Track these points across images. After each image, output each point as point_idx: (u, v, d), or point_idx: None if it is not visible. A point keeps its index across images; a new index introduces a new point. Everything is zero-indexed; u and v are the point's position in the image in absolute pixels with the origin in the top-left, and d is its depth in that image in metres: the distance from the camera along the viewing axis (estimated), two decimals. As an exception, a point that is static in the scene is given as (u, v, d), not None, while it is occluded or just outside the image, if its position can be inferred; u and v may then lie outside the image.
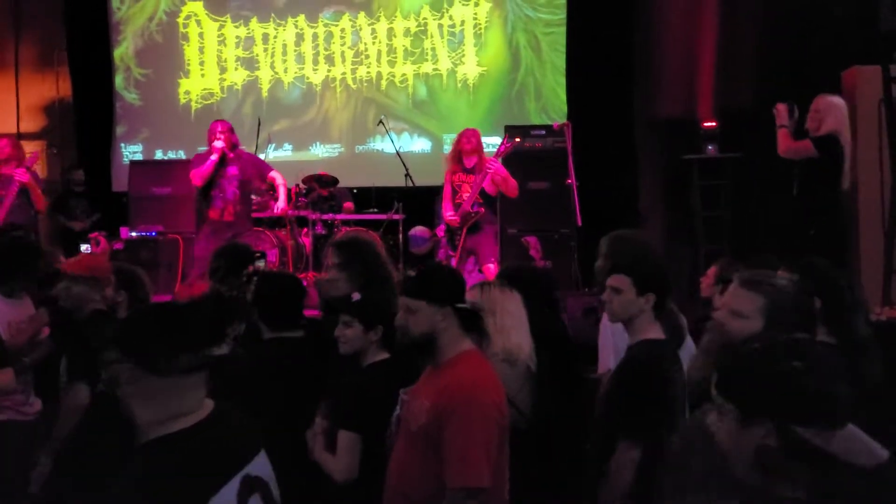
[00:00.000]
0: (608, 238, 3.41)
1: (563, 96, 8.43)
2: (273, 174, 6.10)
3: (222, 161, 5.74)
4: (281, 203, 6.07)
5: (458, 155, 6.17)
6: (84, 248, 5.94)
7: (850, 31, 5.73)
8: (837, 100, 5.03)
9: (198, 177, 5.71)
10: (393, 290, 3.01)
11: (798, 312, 2.26)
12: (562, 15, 8.47)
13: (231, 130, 5.81)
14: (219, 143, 5.65)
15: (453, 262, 6.19)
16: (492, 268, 6.07)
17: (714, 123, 7.45)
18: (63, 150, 9.06)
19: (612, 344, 3.33)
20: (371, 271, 3.30)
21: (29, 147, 9.18)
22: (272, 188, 6.83)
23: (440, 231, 6.48)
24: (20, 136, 9.16)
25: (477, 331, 2.51)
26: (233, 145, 5.78)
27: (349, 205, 7.89)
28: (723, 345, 2.19)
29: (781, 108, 5.07)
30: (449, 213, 6.08)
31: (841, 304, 2.72)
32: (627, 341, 2.71)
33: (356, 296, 2.93)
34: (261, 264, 3.68)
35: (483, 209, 6.12)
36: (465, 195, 6.01)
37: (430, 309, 2.38)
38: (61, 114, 9.14)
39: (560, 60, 8.48)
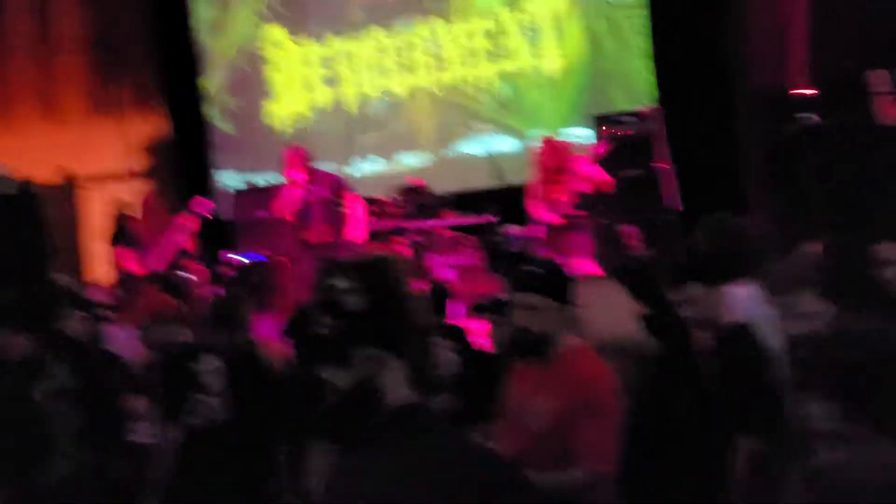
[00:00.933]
0: (706, 224, 3.37)
1: (652, 79, 8.21)
2: (349, 197, 6.11)
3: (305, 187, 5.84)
4: (361, 230, 6.04)
5: (542, 165, 6.09)
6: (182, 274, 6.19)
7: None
8: None
9: (286, 211, 5.85)
10: None
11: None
12: (642, -4, 8.26)
13: (305, 156, 5.89)
14: (296, 176, 5.76)
15: None
16: (586, 264, 5.98)
17: (814, 91, 7.06)
18: (168, 186, 9.49)
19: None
20: None
21: (134, 186, 9.69)
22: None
23: (534, 230, 6.43)
24: (131, 175, 9.67)
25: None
26: (309, 171, 5.86)
27: (448, 212, 7.94)
28: None
29: (879, 75, 4.83)
30: (544, 212, 6.00)
31: None
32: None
33: None
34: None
35: (583, 211, 6.05)
36: (563, 197, 5.92)
37: (557, 307, 2.38)
38: (165, 151, 9.57)
39: (644, 43, 8.26)
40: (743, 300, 3.06)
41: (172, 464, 3.21)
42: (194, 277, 6.05)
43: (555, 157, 5.91)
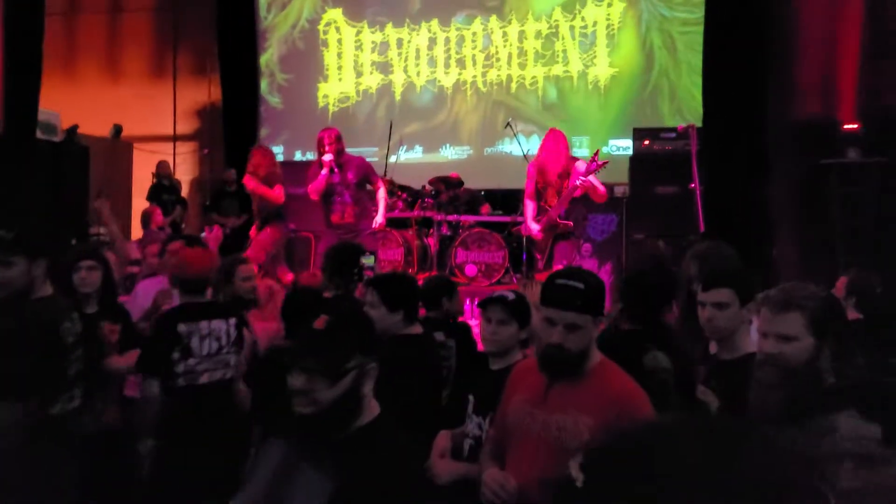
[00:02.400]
0: (698, 251, 3.28)
1: (699, 97, 8.10)
2: (379, 184, 6.16)
3: (334, 169, 5.91)
4: (379, 217, 6.10)
5: (542, 160, 5.90)
6: (202, 235, 6.31)
7: None
8: None
9: (314, 192, 5.92)
10: None
11: (838, 315, 2.14)
12: (699, 13, 8.14)
13: (339, 138, 5.94)
14: (327, 157, 5.82)
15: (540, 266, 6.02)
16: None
17: (856, 126, 6.92)
18: (214, 152, 9.70)
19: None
20: None
21: (183, 148, 9.93)
22: (398, 192, 6.98)
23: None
24: (176, 138, 9.92)
25: None
26: (340, 152, 5.92)
27: (486, 208, 7.96)
28: (785, 373, 2.04)
29: None
30: (533, 223, 5.83)
31: None
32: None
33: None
34: (369, 262, 3.79)
35: (571, 223, 5.85)
36: (552, 202, 5.79)
37: (593, 323, 2.23)
38: (212, 117, 9.79)
39: (697, 60, 8.16)
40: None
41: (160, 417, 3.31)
42: (208, 236, 6.18)
43: (562, 154, 5.72)
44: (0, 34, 6.80)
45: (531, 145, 8.52)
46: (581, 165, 5.54)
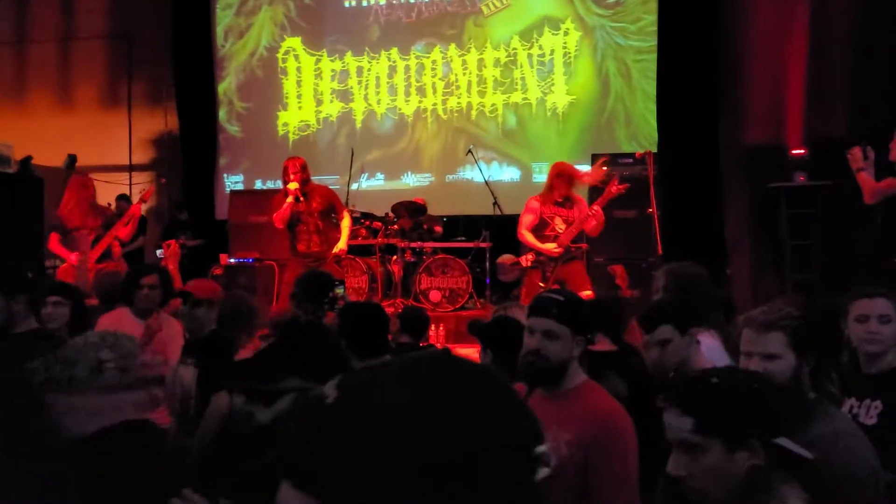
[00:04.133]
0: (668, 271, 3.40)
1: (654, 123, 8.32)
2: (343, 214, 6.19)
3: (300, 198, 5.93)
4: (341, 244, 6.11)
5: (551, 188, 6.11)
6: (158, 252, 6.23)
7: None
8: None
9: (279, 220, 5.93)
10: None
11: (821, 333, 2.25)
12: (653, 42, 8.39)
13: (304, 167, 5.97)
14: (292, 186, 5.84)
15: None
16: (589, 294, 6.01)
17: (803, 151, 7.23)
18: (171, 181, 9.59)
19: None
20: None
21: (140, 178, 9.81)
22: (361, 219, 7.00)
23: (525, 262, 6.47)
24: (132, 167, 9.79)
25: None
26: (305, 181, 5.94)
27: (439, 229, 8.01)
28: None
29: (855, 152, 4.95)
30: (549, 244, 6.02)
31: None
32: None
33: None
34: (339, 291, 3.80)
35: (585, 244, 6.13)
36: (560, 228, 5.98)
37: (572, 336, 2.32)
38: (170, 146, 9.69)
39: (651, 87, 8.39)
40: (706, 348, 3.11)
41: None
42: (165, 253, 6.10)
43: (567, 187, 5.96)
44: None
45: (492, 172, 8.63)
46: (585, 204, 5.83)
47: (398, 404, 0.72)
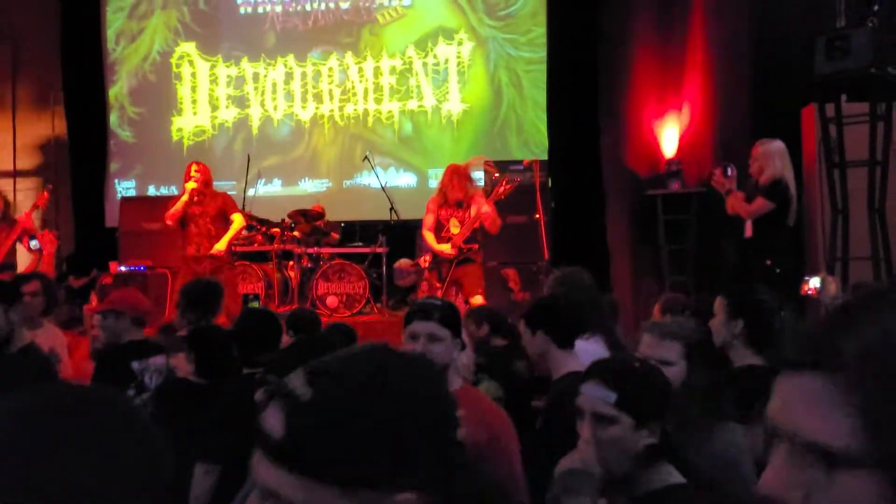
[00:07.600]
0: (558, 276, 3.59)
1: (545, 131, 8.65)
2: (233, 216, 6.21)
3: (197, 199, 5.94)
4: (221, 245, 6.12)
5: (444, 190, 6.26)
6: (33, 243, 6.05)
7: (801, 73, 5.91)
8: (774, 144, 5.17)
9: (171, 217, 5.93)
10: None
11: (708, 344, 2.48)
12: (542, 53, 8.72)
13: (205, 171, 6.00)
14: (190, 185, 5.87)
15: (438, 294, 6.32)
16: (480, 300, 6.17)
17: (677, 160, 7.71)
18: (59, 188, 9.28)
19: None
20: None
21: (25, 184, 9.47)
22: (257, 225, 7.03)
23: (423, 262, 6.63)
24: (17, 173, 9.44)
25: None
26: (205, 184, 5.97)
27: (336, 234, 8.09)
28: None
29: (717, 177, 5.27)
30: (444, 245, 6.16)
31: (768, 327, 2.81)
32: None
33: None
34: (254, 305, 3.87)
35: (477, 244, 6.28)
36: (455, 230, 6.13)
37: (452, 341, 2.39)
38: (57, 152, 9.38)
39: (541, 97, 8.72)
40: (586, 353, 3.30)
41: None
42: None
43: (461, 188, 6.11)
44: None
45: (388, 177, 8.77)
46: (481, 201, 5.92)
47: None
